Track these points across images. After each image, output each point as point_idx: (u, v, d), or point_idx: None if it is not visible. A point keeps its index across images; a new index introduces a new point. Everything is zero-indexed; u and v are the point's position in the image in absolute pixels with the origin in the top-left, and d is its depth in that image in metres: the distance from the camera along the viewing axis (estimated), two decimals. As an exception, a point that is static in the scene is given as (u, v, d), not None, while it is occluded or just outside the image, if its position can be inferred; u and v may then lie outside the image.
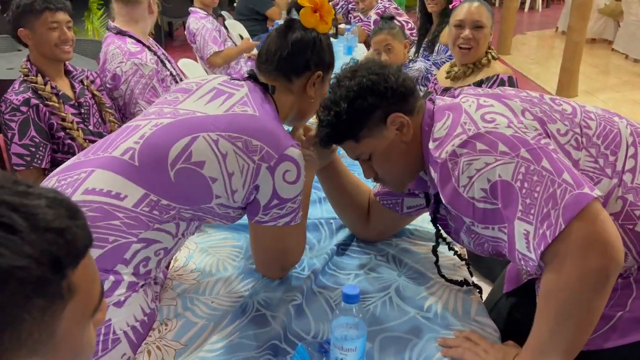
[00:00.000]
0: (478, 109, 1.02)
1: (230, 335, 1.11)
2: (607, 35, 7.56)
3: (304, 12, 1.22)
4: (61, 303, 0.47)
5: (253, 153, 1.09)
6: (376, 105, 1.10)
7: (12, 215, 0.44)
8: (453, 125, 1.01)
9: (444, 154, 0.99)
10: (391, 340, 1.10)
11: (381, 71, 1.12)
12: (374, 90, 1.10)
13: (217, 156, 1.08)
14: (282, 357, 1.05)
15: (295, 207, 1.17)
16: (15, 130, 1.85)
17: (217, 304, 1.22)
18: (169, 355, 1.07)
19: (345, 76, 1.14)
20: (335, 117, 1.11)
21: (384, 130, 1.11)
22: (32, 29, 1.88)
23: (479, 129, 0.96)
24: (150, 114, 1.18)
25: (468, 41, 1.95)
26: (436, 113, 1.09)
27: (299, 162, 1.13)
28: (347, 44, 3.89)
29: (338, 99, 1.11)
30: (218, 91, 1.18)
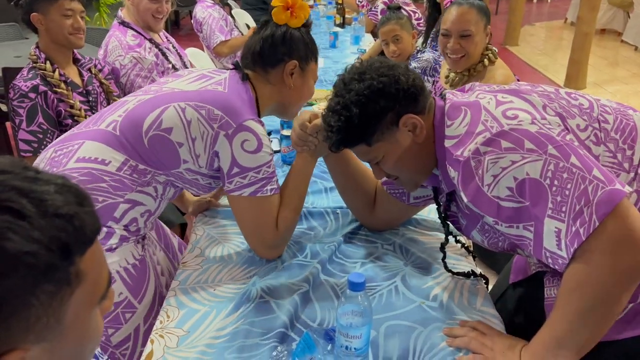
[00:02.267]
0: (498, 105, 0.99)
1: (235, 322, 1.13)
2: (617, 26, 7.49)
3: (275, 11, 1.32)
4: (69, 289, 0.47)
5: (213, 121, 1.20)
6: (388, 108, 1.07)
7: (21, 200, 0.45)
8: (473, 123, 0.99)
9: (466, 152, 0.96)
10: (396, 328, 1.11)
11: (391, 72, 1.08)
12: (385, 93, 1.06)
13: (183, 122, 1.20)
14: (287, 344, 1.06)
15: (260, 178, 1.24)
16: (23, 116, 1.86)
17: (220, 291, 1.23)
18: (172, 341, 1.08)
19: (352, 79, 1.09)
20: (347, 122, 1.07)
21: (396, 132, 1.08)
22: (46, 15, 1.88)
23: (502, 126, 0.94)
24: (140, 92, 1.32)
25: (455, 52, 1.87)
26: (450, 110, 1.06)
27: (259, 134, 1.22)
28: (354, 33, 3.87)
29: (348, 103, 1.07)
30: (203, 75, 1.32)
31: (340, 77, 1.14)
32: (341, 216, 1.53)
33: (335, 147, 1.14)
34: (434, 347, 1.06)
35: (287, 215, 1.31)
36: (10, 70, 2.58)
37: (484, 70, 1.91)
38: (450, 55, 1.89)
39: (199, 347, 1.07)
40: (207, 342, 1.07)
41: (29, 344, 0.46)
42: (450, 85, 1.98)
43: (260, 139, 1.22)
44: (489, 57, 1.91)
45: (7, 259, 0.42)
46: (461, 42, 1.85)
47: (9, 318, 0.43)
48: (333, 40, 3.77)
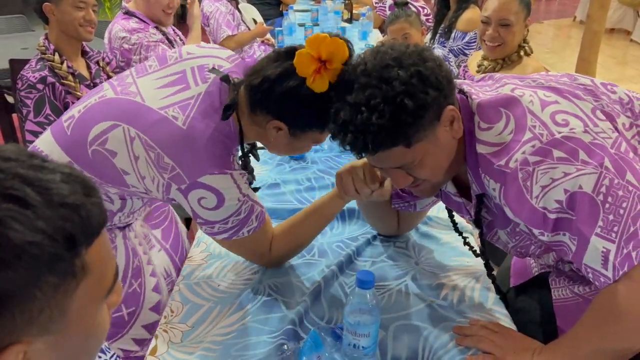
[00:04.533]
0: (543, 106, 0.90)
1: (242, 319, 1.12)
2: (626, 25, 7.42)
3: (299, 58, 0.96)
4: (74, 282, 0.46)
5: (163, 170, 1.02)
6: (437, 99, 0.90)
7: (26, 188, 0.43)
8: (519, 129, 0.89)
9: (512, 163, 0.88)
10: (406, 328, 1.10)
11: (429, 56, 0.92)
12: (433, 80, 0.89)
13: (130, 155, 1.03)
14: (295, 341, 1.05)
15: (230, 227, 1.09)
16: (31, 107, 1.86)
17: (224, 287, 1.23)
18: (176, 337, 1.08)
19: (387, 65, 0.88)
20: (391, 119, 0.87)
21: (437, 128, 0.92)
22: (58, 5, 1.88)
23: (553, 134, 0.86)
24: (115, 80, 1.16)
25: (493, 39, 1.89)
26: (483, 109, 0.95)
27: (218, 189, 1.03)
28: (362, 29, 3.85)
29: (392, 95, 0.86)
30: (182, 77, 1.10)
31: (359, 64, 0.92)
32: (347, 215, 1.51)
33: (366, 151, 0.93)
34: (443, 346, 1.05)
35: (285, 249, 1.23)
36: (17, 62, 2.58)
37: (517, 61, 1.93)
38: (487, 42, 1.91)
39: (204, 343, 1.06)
40: (212, 339, 1.07)
41: (32, 336, 0.45)
42: (481, 74, 1.98)
43: (221, 194, 1.04)
44: (525, 50, 1.93)
45: (10, 249, 0.41)
46: (500, 30, 1.87)
47: (12, 309, 0.42)
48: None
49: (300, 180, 1.73)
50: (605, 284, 0.84)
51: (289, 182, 1.71)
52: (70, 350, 0.50)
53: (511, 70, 1.91)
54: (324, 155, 1.92)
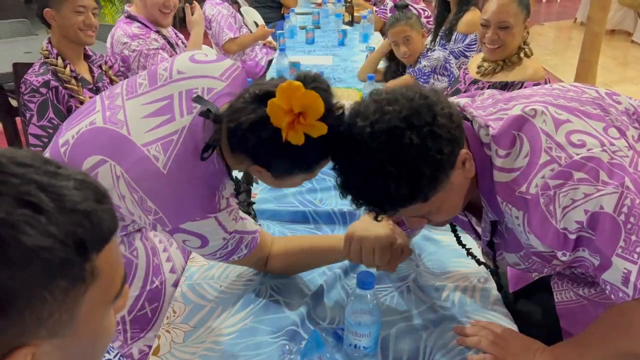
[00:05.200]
0: (557, 126, 0.88)
1: (243, 320, 1.13)
2: (627, 26, 7.42)
3: (271, 107, 0.88)
4: (83, 286, 0.47)
5: (148, 212, 1.01)
6: (450, 153, 0.87)
7: (40, 194, 0.44)
8: (534, 152, 0.87)
9: (533, 188, 0.86)
10: (407, 329, 1.10)
11: (440, 109, 0.87)
12: (446, 137, 0.86)
13: (118, 193, 1.02)
14: (296, 342, 1.06)
15: (219, 257, 1.10)
16: (34, 111, 1.87)
17: (226, 288, 1.23)
18: (178, 337, 1.09)
19: (395, 128, 0.84)
20: (408, 186, 0.85)
21: (450, 175, 0.90)
22: (59, 10, 1.90)
23: (571, 156, 0.84)
24: (108, 96, 1.12)
25: (493, 42, 1.89)
26: (499, 137, 0.91)
27: (202, 233, 1.02)
28: (363, 31, 3.86)
29: (405, 162, 0.84)
30: (168, 105, 1.04)
31: (365, 126, 0.86)
32: (349, 217, 1.52)
33: (384, 213, 0.94)
34: (444, 346, 1.06)
35: (278, 270, 1.24)
36: (21, 66, 2.59)
37: (517, 63, 1.93)
38: (487, 45, 1.91)
39: (206, 343, 1.07)
40: (214, 339, 1.08)
41: (41, 339, 0.46)
42: (481, 75, 1.98)
43: (205, 237, 1.02)
44: (525, 52, 1.93)
45: (23, 253, 0.42)
46: (499, 33, 1.87)
47: (23, 310, 0.43)
48: (342, 38, 3.76)
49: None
50: (622, 299, 0.83)
51: (290, 184, 1.72)
52: (77, 353, 0.51)
53: (511, 72, 1.92)
54: (326, 157, 1.93)
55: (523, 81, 1.87)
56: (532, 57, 1.95)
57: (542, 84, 1.86)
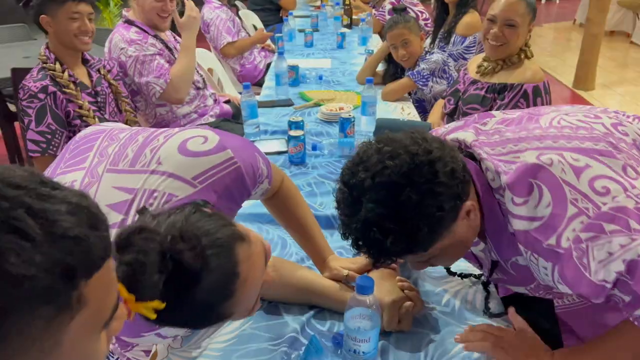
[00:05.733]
0: (577, 174, 0.86)
1: (242, 326, 1.12)
2: (626, 27, 7.42)
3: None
4: (69, 314, 0.46)
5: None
6: (452, 208, 0.88)
7: (29, 220, 0.43)
8: (559, 203, 0.85)
9: (564, 242, 0.85)
10: (408, 334, 1.09)
11: (442, 165, 0.86)
12: (447, 194, 0.86)
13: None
14: (295, 348, 1.06)
15: None
16: (32, 116, 1.87)
17: None
18: (176, 342, 1.08)
19: (396, 184, 0.84)
20: (405, 241, 0.86)
21: (453, 225, 0.90)
22: (54, 17, 1.89)
23: (599, 206, 0.83)
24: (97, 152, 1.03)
25: (497, 39, 1.88)
26: (514, 184, 0.90)
27: None
28: (362, 34, 3.86)
29: (402, 219, 0.85)
30: (129, 203, 0.94)
31: (365, 178, 0.86)
32: None
33: (380, 263, 0.94)
34: (446, 353, 1.05)
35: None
36: (19, 71, 2.59)
37: (517, 64, 1.92)
38: (490, 41, 1.90)
39: (204, 349, 1.06)
40: (212, 345, 1.07)
41: None
42: (481, 75, 1.98)
43: None
44: (526, 53, 1.93)
45: (6, 281, 0.41)
46: (505, 30, 1.86)
47: (6, 339, 0.42)
48: (340, 41, 3.76)
49: (300, 185, 1.73)
50: None
51: (289, 188, 1.71)
52: None
53: (511, 74, 1.91)
54: (325, 160, 1.93)
55: (522, 83, 1.86)
56: (532, 58, 1.95)
57: (541, 86, 1.86)
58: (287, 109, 2.50)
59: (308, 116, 2.40)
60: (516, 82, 1.88)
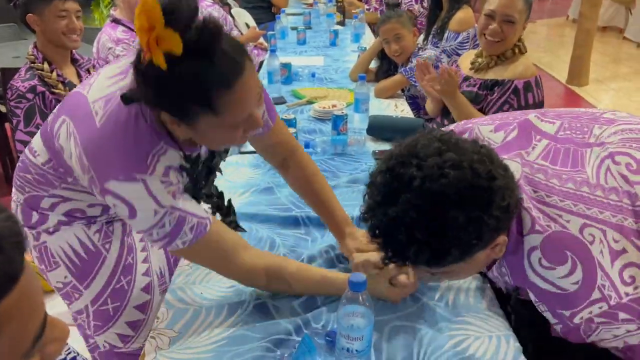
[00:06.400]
0: (613, 259, 0.85)
1: (233, 326, 1.10)
2: (618, 23, 7.45)
3: (137, 32, 0.82)
4: None
5: (85, 171, 0.98)
6: (490, 239, 0.85)
7: None
8: (587, 283, 0.85)
9: (577, 319, 0.86)
10: (400, 329, 1.08)
11: (499, 195, 0.82)
12: (491, 226, 0.82)
13: (70, 151, 1.00)
14: (288, 347, 1.04)
15: (157, 239, 1.00)
16: (21, 117, 1.84)
17: (209, 294, 1.21)
18: (164, 342, 1.07)
19: (446, 197, 0.79)
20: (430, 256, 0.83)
21: (479, 253, 0.87)
22: (41, 16, 1.87)
23: (621, 297, 0.84)
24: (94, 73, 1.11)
25: (495, 34, 1.87)
26: (549, 247, 0.88)
27: (126, 199, 0.94)
28: (355, 31, 3.85)
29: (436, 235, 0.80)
30: (126, 69, 0.98)
31: (415, 176, 0.80)
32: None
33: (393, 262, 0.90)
34: (439, 348, 1.04)
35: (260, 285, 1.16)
36: (9, 71, 2.57)
37: (511, 59, 1.92)
38: (488, 37, 1.89)
39: (194, 349, 1.05)
40: (203, 347, 1.05)
41: None
42: (475, 72, 1.97)
43: (131, 204, 0.95)
44: (520, 48, 1.92)
45: None
46: (503, 26, 1.85)
47: None
48: (333, 38, 3.74)
49: (293, 183, 1.71)
50: None
51: (282, 185, 1.69)
52: None
53: (504, 69, 1.90)
54: (317, 158, 1.91)
55: (513, 79, 1.86)
56: (525, 54, 1.94)
57: (532, 81, 1.85)
58: (280, 107, 2.49)
59: (301, 114, 2.39)
60: (507, 78, 1.87)
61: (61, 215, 1.17)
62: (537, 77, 1.86)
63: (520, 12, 1.86)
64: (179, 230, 1.00)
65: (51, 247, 1.20)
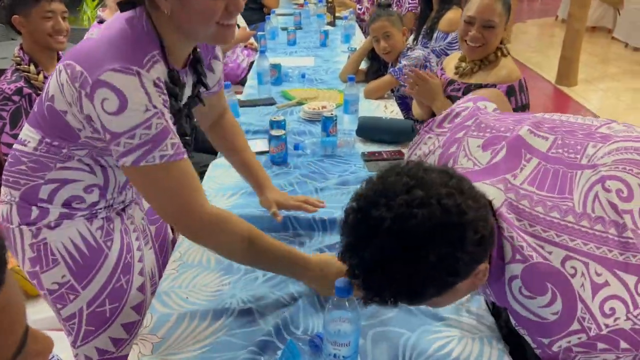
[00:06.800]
0: (594, 292, 0.85)
1: (216, 333, 1.09)
2: (607, 23, 7.51)
3: None
4: None
5: (75, 80, 0.98)
6: (468, 270, 0.84)
7: None
8: (566, 315, 0.86)
9: (555, 347, 0.87)
10: (384, 334, 1.08)
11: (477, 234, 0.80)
12: (466, 261, 0.81)
13: (60, 88, 1.03)
14: (271, 353, 1.03)
15: (138, 144, 0.96)
16: (7, 119, 1.83)
17: (194, 298, 1.20)
18: (146, 348, 1.06)
19: (417, 235, 0.78)
20: (406, 295, 0.83)
21: (460, 284, 0.85)
22: (27, 17, 1.85)
23: (600, 328, 0.84)
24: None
25: (476, 40, 1.87)
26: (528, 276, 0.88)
27: (120, 88, 0.94)
28: (345, 32, 3.85)
29: (410, 274, 0.79)
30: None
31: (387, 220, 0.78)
32: (329, 225, 1.47)
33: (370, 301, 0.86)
34: (424, 352, 1.04)
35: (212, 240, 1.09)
36: (-4, 72, 2.54)
37: (494, 62, 1.92)
38: (469, 42, 1.89)
39: (177, 355, 1.03)
40: (187, 354, 1.04)
41: None
42: (459, 76, 1.97)
43: (123, 95, 0.94)
44: (502, 51, 1.92)
45: None
46: (483, 32, 1.85)
47: None
48: (323, 39, 3.74)
49: (282, 185, 1.71)
50: None
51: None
52: None
53: (488, 73, 1.90)
54: (307, 160, 1.91)
55: (496, 84, 1.86)
56: (508, 56, 1.94)
57: (516, 85, 1.84)
58: (270, 108, 2.48)
59: (290, 115, 2.38)
60: (491, 82, 1.87)
61: (61, 207, 1.15)
62: (521, 80, 1.86)
63: (500, 16, 1.85)
64: (163, 139, 0.98)
65: (51, 243, 1.17)
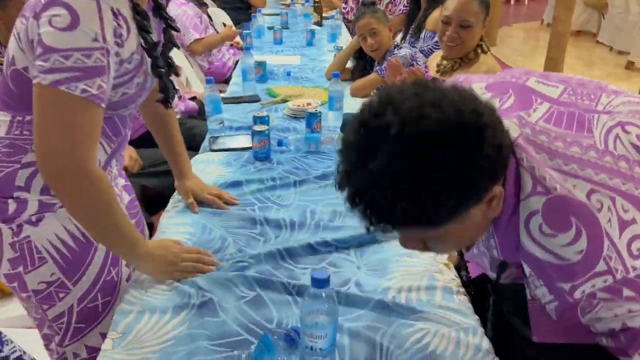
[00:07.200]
0: (621, 230, 0.78)
1: (179, 326, 1.06)
2: (592, 27, 7.59)
3: None
4: None
5: (25, 10, 0.98)
6: (485, 188, 0.76)
7: None
8: (592, 252, 0.77)
9: (578, 293, 0.78)
10: (360, 329, 1.06)
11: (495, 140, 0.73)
12: (485, 169, 0.73)
13: (17, 39, 1.00)
14: (243, 348, 1.01)
15: (69, 67, 0.93)
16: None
17: (150, 295, 1.16)
18: (107, 344, 1.02)
19: (434, 137, 0.70)
20: (420, 211, 0.72)
21: (471, 209, 0.77)
22: (3, 9, 1.80)
23: (628, 271, 0.77)
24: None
25: (452, 40, 1.88)
26: (551, 211, 0.79)
27: (74, 7, 0.92)
28: (331, 31, 3.84)
29: (426, 182, 0.70)
30: None
31: (395, 124, 0.70)
32: (298, 227, 1.43)
33: (375, 226, 0.77)
34: (401, 345, 1.02)
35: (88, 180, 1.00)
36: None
37: (474, 60, 1.93)
38: (446, 42, 1.90)
39: (140, 350, 1.00)
40: (150, 348, 1.01)
41: None
42: (441, 74, 1.96)
43: (77, 15, 0.92)
44: (482, 48, 1.93)
45: None
46: (460, 32, 1.86)
47: None
48: (310, 38, 3.72)
49: (264, 180, 1.68)
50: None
51: (252, 182, 1.66)
52: None
53: (468, 69, 1.90)
54: (290, 156, 1.89)
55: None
56: (488, 53, 1.95)
57: None
58: (254, 105, 2.45)
59: (275, 112, 2.36)
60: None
61: (39, 195, 1.10)
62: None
63: (477, 15, 1.86)
64: (94, 75, 0.95)
65: (36, 241, 1.11)
